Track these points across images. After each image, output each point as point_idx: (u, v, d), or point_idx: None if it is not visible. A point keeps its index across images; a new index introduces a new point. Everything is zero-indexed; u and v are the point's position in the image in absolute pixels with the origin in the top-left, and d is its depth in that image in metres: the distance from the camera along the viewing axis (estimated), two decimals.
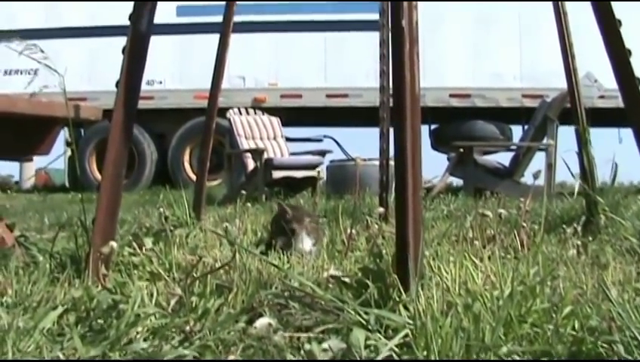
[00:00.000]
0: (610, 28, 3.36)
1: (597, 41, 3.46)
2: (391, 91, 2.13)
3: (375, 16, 5.55)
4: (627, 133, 3.53)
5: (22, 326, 1.65)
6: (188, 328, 1.80)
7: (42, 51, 2.87)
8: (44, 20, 13.34)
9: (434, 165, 12.96)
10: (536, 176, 3.22)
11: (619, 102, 3.75)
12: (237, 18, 4.69)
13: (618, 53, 3.39)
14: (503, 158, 10.44)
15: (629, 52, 3.50)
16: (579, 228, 3.17)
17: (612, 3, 3.34)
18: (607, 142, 13.24)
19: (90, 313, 1.96)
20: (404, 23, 1.97)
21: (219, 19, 4.72)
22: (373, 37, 5.63)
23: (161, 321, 1.83)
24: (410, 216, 1.92)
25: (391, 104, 4.97)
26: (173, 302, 1.99)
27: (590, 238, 3.38)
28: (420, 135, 2.01)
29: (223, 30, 4.59)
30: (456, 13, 13.17)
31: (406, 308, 1.76)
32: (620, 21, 3.42)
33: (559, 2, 4.06)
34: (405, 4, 1.98)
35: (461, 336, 1.51)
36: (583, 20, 4.39)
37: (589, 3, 3.36)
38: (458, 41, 13.17)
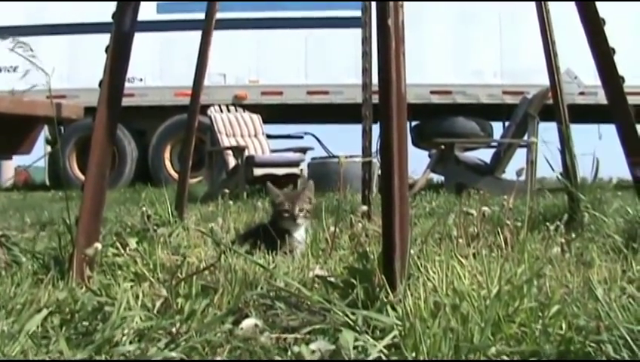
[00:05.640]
0: (594, 27, 3.37)
1: (576, 38, 3.47)
2: (374, 88, 2.12)
3: (356, 14, 5.54)
4: (606, 129, 3.56)
5: (6, 330, 1.63)
6: (174, 330, 1.79)
7: (31, 50, 2.83)
8: (23, 17, 13.22)
9: (415, 162, 12.96)
10: (519, 173, 3.22)
11: (598, 99, 3.79)
12: (218, 15, 4.67)
13: (602, 52, 3.40)
14: (484, 155, 10.48)
15: (613, 50, 3.51)
16: (562, 226, 3.17)
17: (596, 2, 3.36)
18: (587, 138, 13.33)
19: (75, 315, 1.94)
20: (390, 23, 1.97)
21: (199, 16, 4.70)
22: (354, 34, 5.63)
23: (147, 323, 1.81)
24: (397, 216, 1.92)
25: (373, 101, 4.98)
26: (158, 304, 1.98)
27: (573, 235, 3.39)
28: (406, 135, 2.01)
29: (205, 28, 4.57)
30: (437, 9, 13.16)
31: (393, 308, 1.75)
32: (604, 20, 3.44)
33: (542, 1, 4.05)
34: (391, 3, 1.98)
35: (450, 337, 1.51)
36: (561, 15, 4.41)
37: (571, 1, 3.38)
38: (439, 38, 13.16)
